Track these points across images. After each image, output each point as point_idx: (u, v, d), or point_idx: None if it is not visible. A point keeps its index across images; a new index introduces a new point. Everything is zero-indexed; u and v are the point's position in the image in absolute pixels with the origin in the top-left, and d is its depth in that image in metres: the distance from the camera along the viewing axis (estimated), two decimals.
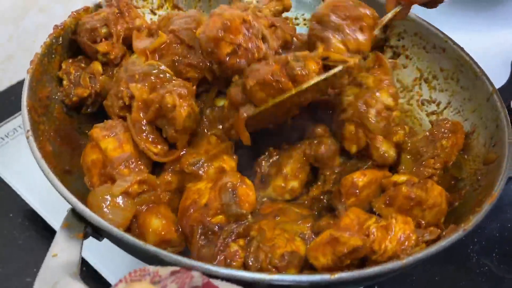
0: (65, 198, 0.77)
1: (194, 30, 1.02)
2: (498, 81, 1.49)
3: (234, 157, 0.97)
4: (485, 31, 1.68)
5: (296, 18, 1.39)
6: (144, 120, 0.92)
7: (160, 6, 1.27)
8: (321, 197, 1.01)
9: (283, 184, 1.01)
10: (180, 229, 0.88)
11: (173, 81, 0.95)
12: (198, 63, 1.01)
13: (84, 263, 1.02)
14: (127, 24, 1.10)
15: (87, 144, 0.96)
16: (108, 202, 0.83)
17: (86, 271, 1.03)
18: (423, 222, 0.90)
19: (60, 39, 1.08)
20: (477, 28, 1.67)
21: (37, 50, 1.02)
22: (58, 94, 1.06)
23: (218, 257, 0.81)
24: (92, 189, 0.91)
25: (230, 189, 0.86)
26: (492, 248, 1.23)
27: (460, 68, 1.16)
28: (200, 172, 0.93)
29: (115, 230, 0.74)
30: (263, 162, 1.03)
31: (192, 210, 0.87)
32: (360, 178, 0.91)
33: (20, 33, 1.62)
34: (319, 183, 1.01)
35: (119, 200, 0.84)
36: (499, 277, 1.16)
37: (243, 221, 0.85)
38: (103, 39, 1.07)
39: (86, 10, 1.14)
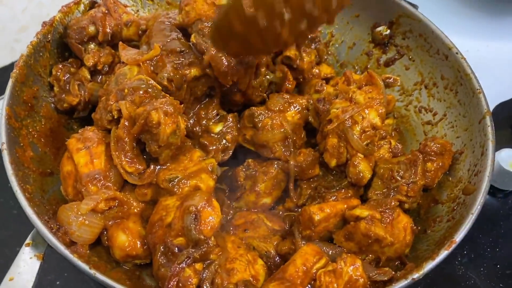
0: (30, 220, 0.82)
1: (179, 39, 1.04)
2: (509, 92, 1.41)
3: (215, 176, 0.98)
4: (508, 39, 1.56)
5: None
6: (127, 138, 0.93)
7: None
8: (295, 209, 1.02)
9: (255, 200, 1.02)
10: (147, 244, 0.91)
11: (161, 98, 0.94)
12: (195, 59, 1.02)
13: None
14: (115, 21, 1.10)
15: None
16: (76, 220, 0.86)
17: None
18: (383, 257, 0.89)
19: (49, 36, 1.09)
20: (498, 35, 1.56)
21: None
22: (49, 98, 1.09)
23: (172, 282, 0.82)
24: (67, 198, 0.95)
25: (192, 213, 0.86)
26: (480, 262, 1.21)
27: (460, 80, 1.10)
28: (175, 189, 0.94)
29: (70, 256, 0.78)
30: (240, 172, 1.04)
31: (157, 227, 0.89)
32: (317, 213, 0.90)
33: (35, 5, 1.64)
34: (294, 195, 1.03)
35: (87, 217, 0.88)
36: None
37: (202, 246, 0.86)
38: (90, 41, 1.08)
39: (77, 3, 1.14)
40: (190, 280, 0.82)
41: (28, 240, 0.83)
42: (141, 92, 0.94)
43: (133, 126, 0.92)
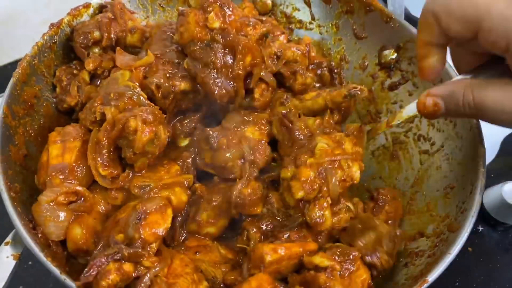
0: (11, 219, 0.84)
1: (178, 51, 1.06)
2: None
3: (189, 192, 0.98)
4: None
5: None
6: (106, 142, 0.94)
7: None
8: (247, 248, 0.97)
9: (196, 229, 1.00)
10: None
11: (143, 106, 0.95)
12: (189, 75, 1.04)
13: None
14: (120, 27, 1.12)
15: None
16: (44, 216, 0.88)
17: None
18: None
19: (56, 38, 1.12)
20: None
21: None
22: (52, 98, 1.12)
23: (91, 270, 0.80)
24: (39, 187, 0.97)
25: (138, 212, 0.84)
26: None
27: None
28: (145, 197, 0.94)
29: (43, 259, 0.80)
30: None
31: (109, 222, 0.91)
32: (270, 253, 0.87)
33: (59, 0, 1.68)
34: (244, 238, 0.98)
35: (51, 212, 0.89)
36: None
37: (135, 246, 0.82)
38: (95, 45, 1.10)
39: (87, 6, 1.16)
40: (109, 276, 0.79)
41: (8, 239, 0.85)
42: (125, 98, 0.96)
43: (112, 128, 0.94)
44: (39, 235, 0.87)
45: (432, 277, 0.84)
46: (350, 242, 0.96)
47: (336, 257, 0.87)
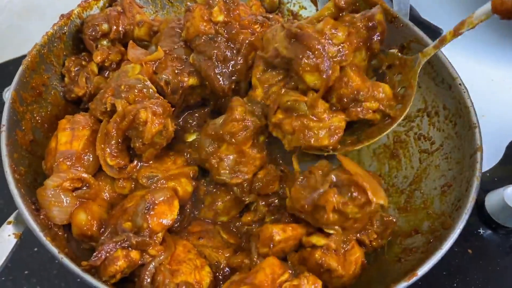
0: (14, 200, 0.87)
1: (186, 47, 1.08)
2: None
3: (194, 183, 1.00)
4: None
5: None
6: (115, 133, 0.97)
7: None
8: (252, 225, 1.04)
9: (212, 218, 1.05)
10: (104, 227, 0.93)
11: (153, 99, 0.98)
12: (196, 70, 1.06)
13: None
14: (128, 20, 1.15)
15: None
16: (49, 200, 0.91)
17: None
18: (330, 286, 0.90)
19: (65, 28, 1.15)
20: None
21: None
22: (60, 87, 1.15)
23: (100, 254, 0.83)
24: (45, 172, 1.00)
25: (147, 202, 0.87)
26: None
27: (460, 112, 1.08)
28: (152, 187, 0.97)
29: (43, 238, 0.83)
30: (201, 186, 1.05)
31: (117, 210, 0.93)
32: (280, 232, 0.91)
33: None
34: (252, 211, 1.03)
35: (56, 198, 0.91)
36: None
37: (142, 235, 0.86)
38: (103, 38, 1.13)
39: None
40: (117, 262, 0.83)
41: (10, 219, 0.88)
42: (136, 91, 0.98)
43: (122, 120, 0.96)
44: (41, 217, 0.89)
45: (421, 271, 0.85)
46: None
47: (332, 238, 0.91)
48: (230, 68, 1.04)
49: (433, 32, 1.29)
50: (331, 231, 0.92)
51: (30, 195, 0.93)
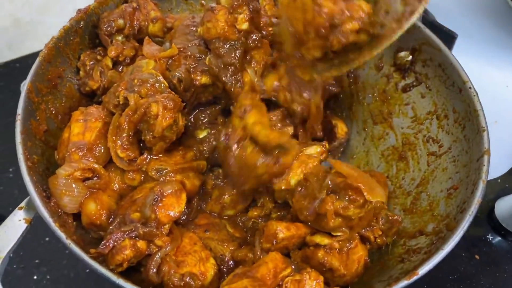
0: (26, 186, 0.90)
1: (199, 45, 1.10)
2: None
3: (202, 177, 1.03)
4: None
5: None
6: (127, 127, 0.99)
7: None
8: (258, 220, 1.05)
9: (219, 211, 1.06)
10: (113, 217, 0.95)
11: (165, 93, 1.00)
12: (209, 71, 1.08)
13: None
14: (143, 16, 1.17)
15: None
16: (60, 189, 0.93)
17: None
18: (332, 284, 0.91)
19: (82, 23, 1.18)
20: None
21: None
22: (74, 80, 1.17)
23: (108, 243, 0.85)
24: (58, 162, 1.03)
25: (156, 194, 0.89)
26: None
27: (469, 116, 1.08)
28: (161, 179, 0.99)
29: (52, 224, 0.85)
30: (209, 180, 1.07)
31: (126, 201, 0.95)
32: (283, 230, 0.92)
33: None
34: (259, 206, 1.05)
35: (67, 187, 0.93)
36: None
37: (150, 226, 0.87)
38: (118, 33, 1.16)
39: None
40: (124, 251, 0.85)
41: (22, 204, 0.91)
42: (148, 85, 1.00)
43: (134, 113, 0.98)
44: (51, 204, 0.92)
45: (422, 270, 0.85)
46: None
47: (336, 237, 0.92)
48: None
49: (446, 35, 1.29)
50: (339, 233, 0.93)
51: (42, 183, 0.96)
